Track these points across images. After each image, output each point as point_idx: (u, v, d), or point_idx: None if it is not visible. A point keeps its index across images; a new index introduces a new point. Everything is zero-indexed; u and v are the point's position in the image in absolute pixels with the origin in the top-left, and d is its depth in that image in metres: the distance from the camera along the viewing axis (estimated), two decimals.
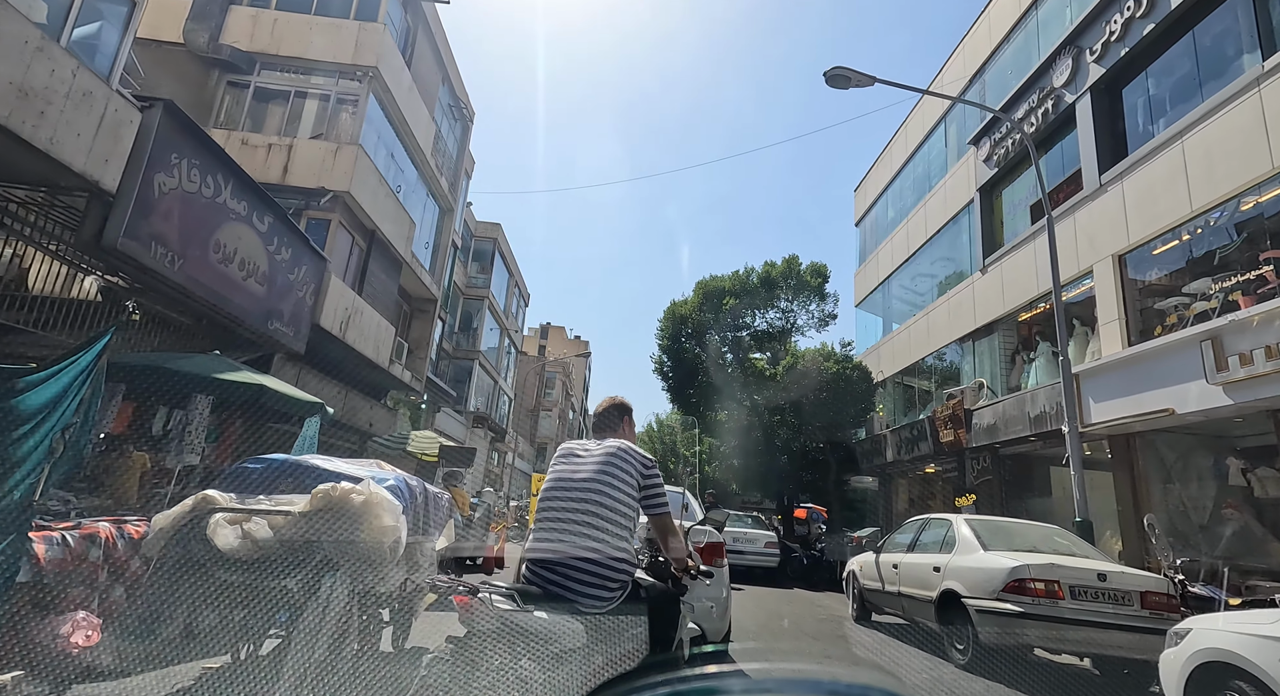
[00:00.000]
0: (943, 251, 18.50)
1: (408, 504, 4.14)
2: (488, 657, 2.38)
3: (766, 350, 22.16)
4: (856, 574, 8.82)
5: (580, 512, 2.59)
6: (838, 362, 18.41)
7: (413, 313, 20.19)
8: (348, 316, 13.84)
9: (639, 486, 2.68)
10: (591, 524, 2.54)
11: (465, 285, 31.74)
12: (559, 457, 2.97)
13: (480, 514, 11.70)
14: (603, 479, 2.65)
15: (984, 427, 13.92)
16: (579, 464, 2.80)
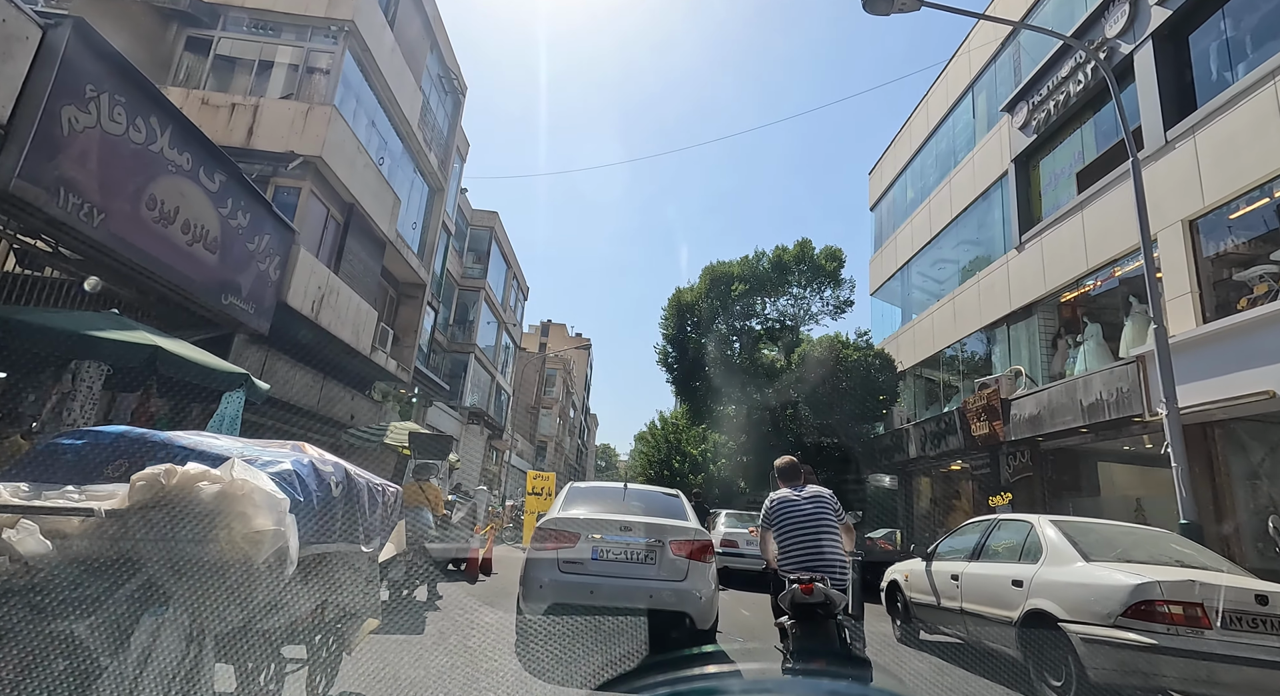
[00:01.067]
0: (970, 231, 17.14)
1: (305, 498, 2.81)
2: None
3: (778, 339, 20.81)
4: (901, 585, 7.48)
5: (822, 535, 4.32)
6: (858, 350, 17.06)
7: (400, 298, 18.88)
8: (321, 296, 12.53)
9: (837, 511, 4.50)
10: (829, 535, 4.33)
11: (461, 276, 30.44)
12: (783, 501, 4.55)
13: (464, 514, 10.37)
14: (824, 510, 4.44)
15: (1024, 419, 12.56)
16: (802, 502, 4.47)
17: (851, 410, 16.57)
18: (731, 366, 20.45)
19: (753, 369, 20.14)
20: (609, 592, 5.11)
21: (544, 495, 18.22)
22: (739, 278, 20.26)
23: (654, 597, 5.10)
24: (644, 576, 5.22)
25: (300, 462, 2.97)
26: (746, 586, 11.96)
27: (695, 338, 20.66)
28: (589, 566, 5.23)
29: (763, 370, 19.94)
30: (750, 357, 20.60)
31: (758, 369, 19.92)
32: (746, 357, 20.57)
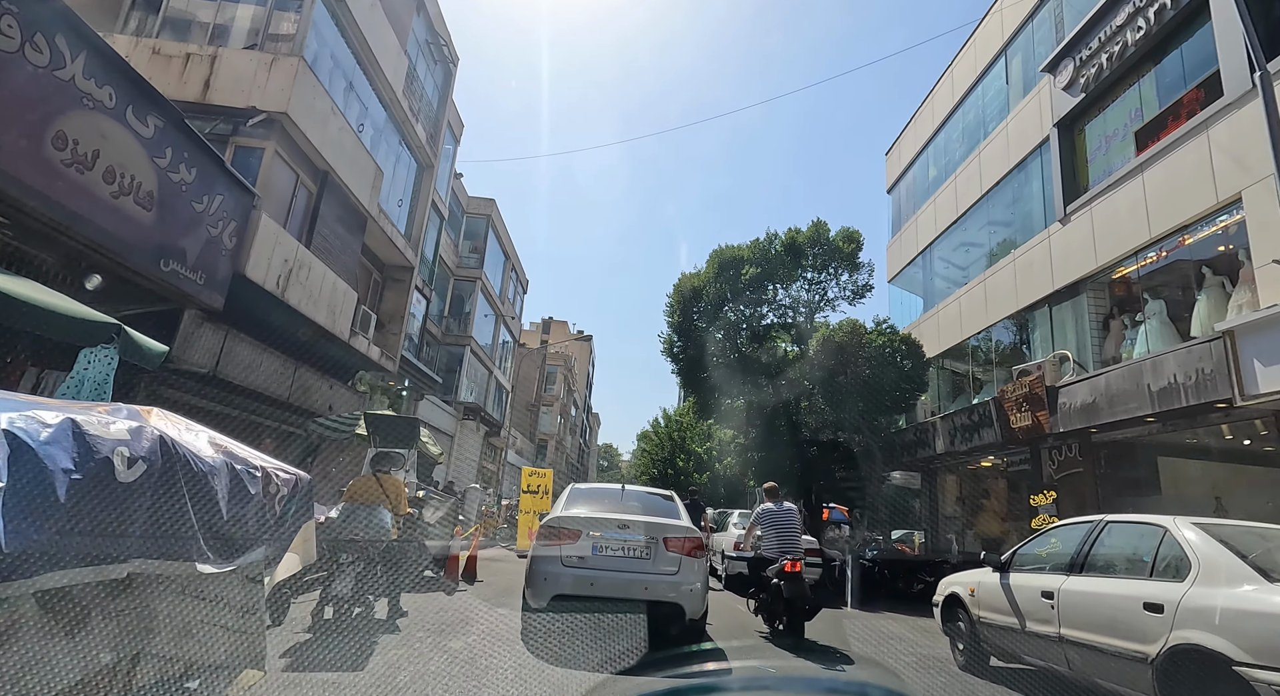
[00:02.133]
0: (1002, 208, 15.77)
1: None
2: None
3: (792, 327, 19.42)
4: (965, 601, 6.12)
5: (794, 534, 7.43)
6: (881, 334, 15.66)
7: (385, 282, 17.58)
8: (289, 270, 11.21)
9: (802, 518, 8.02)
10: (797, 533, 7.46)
11: (456, 265, 29.16)
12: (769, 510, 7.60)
13: (444, 513, 9.04)
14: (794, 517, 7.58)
15: (1075, 409, 11.19)
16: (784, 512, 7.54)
17: (874, 401, 15.19)
18: (741, 356, 19.08)
19: (763, 359, 18.76)
20: (608, 585, 5.45)
21: (540, 493, 16.93)
22: (749, 261, 18.87)
23: (649, 589, 5.45)
24: (640, 570, 5.56)
25: (32, 424, 1.63)
26: None
27: (702, 326, 19.29)
28: (590, 561, 5.55)
29: (774, 360, 18.56)
30: (761, 347, 19.23)
31: (769, 358, 18.54)
32: (757, 347, 19.19)
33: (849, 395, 15.58)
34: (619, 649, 4.89)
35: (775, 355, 18.42)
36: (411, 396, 22.71)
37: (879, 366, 15.00)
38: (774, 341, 19.13)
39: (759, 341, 19.34)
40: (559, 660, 4.80)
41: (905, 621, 9.35)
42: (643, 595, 5.42)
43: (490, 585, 9.75)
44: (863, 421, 15.55)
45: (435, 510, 8.97)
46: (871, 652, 6.79)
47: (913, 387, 15.71)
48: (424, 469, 11.29)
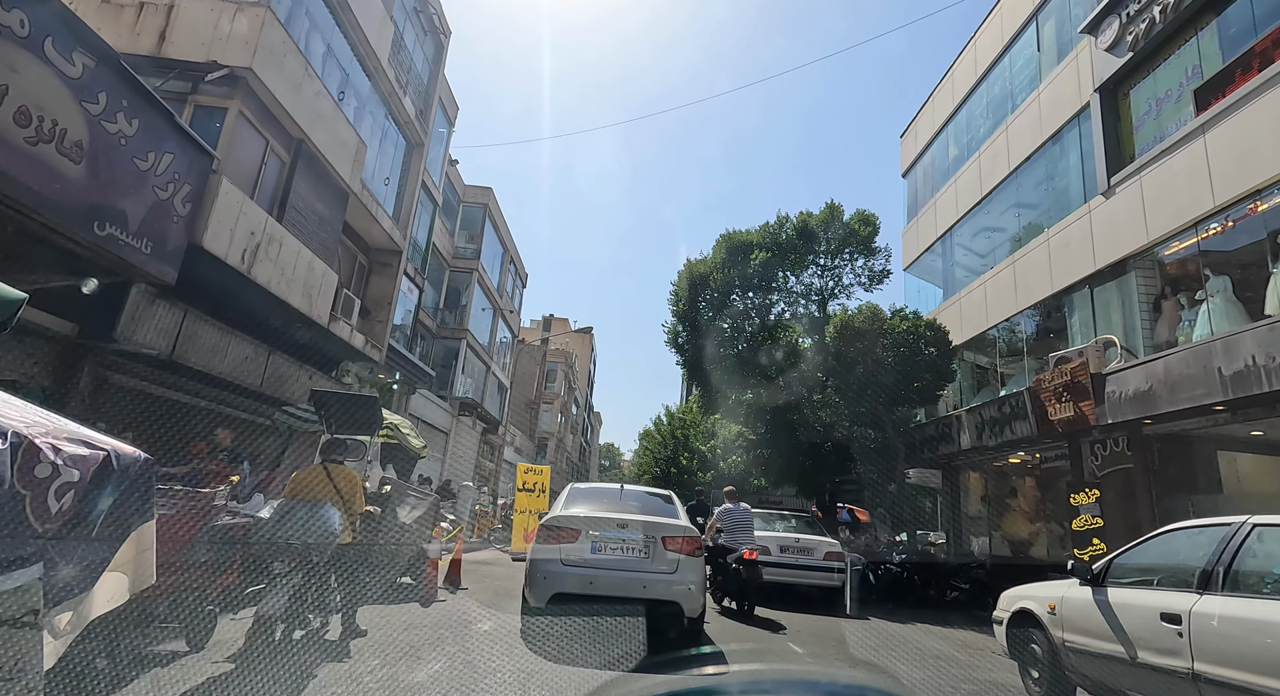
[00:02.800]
0: (1034, 183, 14.66)
1: None
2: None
3: (804, 315, 18.33)
4: (1043, 620, 5.02)
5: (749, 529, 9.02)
6: (905, 320, 14.51)
7: (371, 266, 16.51)
8: (256, 245, 10.14)
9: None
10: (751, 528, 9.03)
11: (451, 255, 28.13)
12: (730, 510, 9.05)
13: (421, 512, 7.96)
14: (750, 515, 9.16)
15: (1127, 397, 10.08)
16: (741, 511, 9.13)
17: (896, 392, 14.07)
18: (750, 346, 17.99)
19: (774, 349, 17.67)
20: (607, 583, 5.46)
21: (537, 492, 15.86)
22: (758, 246, 17.79)
23: (647, 588, 5.47)
24: (638, 569, 5.57)
25: None
26: (787, 603, 9.53)
27: (709, 315, 18.20)
28: (589, 560, 5.56)
29: (786, 350, 17.47)
30: (771, 336, 18.14)
31: (780, 349, 17.45)
32: (767, 336, 18.10)
33: (868, 386, 14.48)
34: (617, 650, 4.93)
35: (786, 345, 17.33)
36: (403, 390, 21.64)
37: (902, 354, 13.88)
38: (785, 330, 18.04)
39: (769, 331, 18.25)
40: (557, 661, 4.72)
41: (945, 636, 8.25)
42: (641, 594, 5.47)
43: (476, 592, 8.68)
44: (884, 414, 14.42)
45: (412, 508, 7.89)
46: (920, 676, 5.69)
47: (939, 377, 14.58)
48: (405, 463, 10.21)
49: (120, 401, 9.12)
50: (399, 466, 10.14)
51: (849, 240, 17.65)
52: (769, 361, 17.59)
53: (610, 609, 5.38)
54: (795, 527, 11.25)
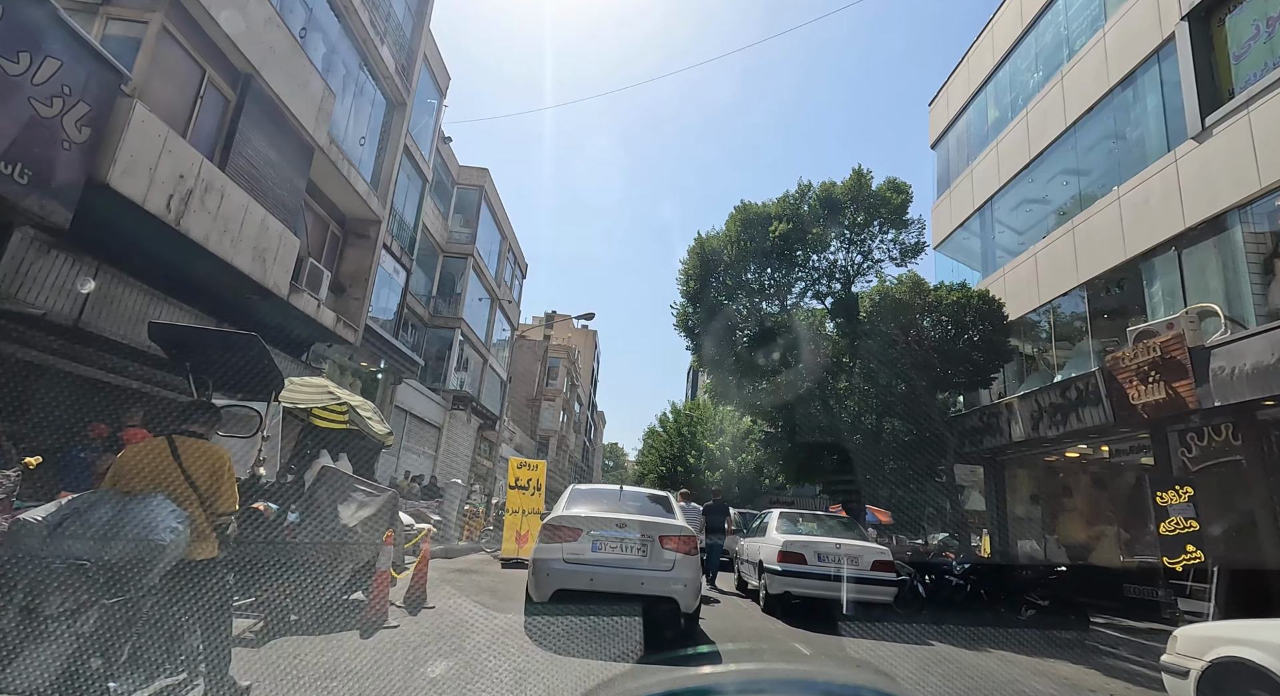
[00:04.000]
0: (1097, 136, 12.87)
1: None
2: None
3: (825, 296, 16.55)
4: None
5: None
6: (954, 292, 12.66)
7: (346, 237, 14.79)
8: (187, 191, 8.41)
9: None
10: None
11: (445, 240, 26.45)
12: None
13: (372, 513, 6.22)
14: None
15: (1242, 374, 8.27)
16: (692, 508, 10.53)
17: (941, 376, 12.28)
18: (768, 329, 16.22)
19: (794, 332, 15.90)
20: (606, 580, 5.70)
21: (531, 490, 14.11)
22: (777, 218, 16.02)
23: (645, 585, 5.71)
24: (637, 566, 5.79)
25: None
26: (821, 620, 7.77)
27: (722, 295, 16.45)
28: (589, 557, 5.79)
29: (808, 333, 15.71)
30: (790, 318, 16.37)
31: (801, 331, 15.68)
32: (786, 318, 16.33)
33: (905, 370, 12.68)
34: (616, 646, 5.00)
35: (808, 326, 15.56)
36: (389, 380, 19.95)
37: (949, 332, 12.07)
38: (807, 312, 16.27)
39: (788, 312, 16.47)
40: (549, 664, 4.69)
41: (1044, 670, 6.43)
42: (639, 590, 5.68)
43: (443, 613, 6.91)
44: (925, 401, 12.61)
45: (359, 507, 6.15)
46: None
47: (994, 357, 12.71)
48: (365, 454, 8.48)
49: (12, 377, 7.41)
50: (358, 457, 8.41)
51: (878, 211, 15.85)
52: (788, 345, 15.82)
53: (609, 606, 5.57)
54: (833, 531, 9.48)
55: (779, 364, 16.28)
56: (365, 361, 18.47)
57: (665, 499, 7.23)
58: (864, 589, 8.27)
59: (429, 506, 15.71)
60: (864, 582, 8.29)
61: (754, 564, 9.78)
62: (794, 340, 16.03)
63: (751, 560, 9.97)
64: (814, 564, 8.45)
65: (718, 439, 37.92)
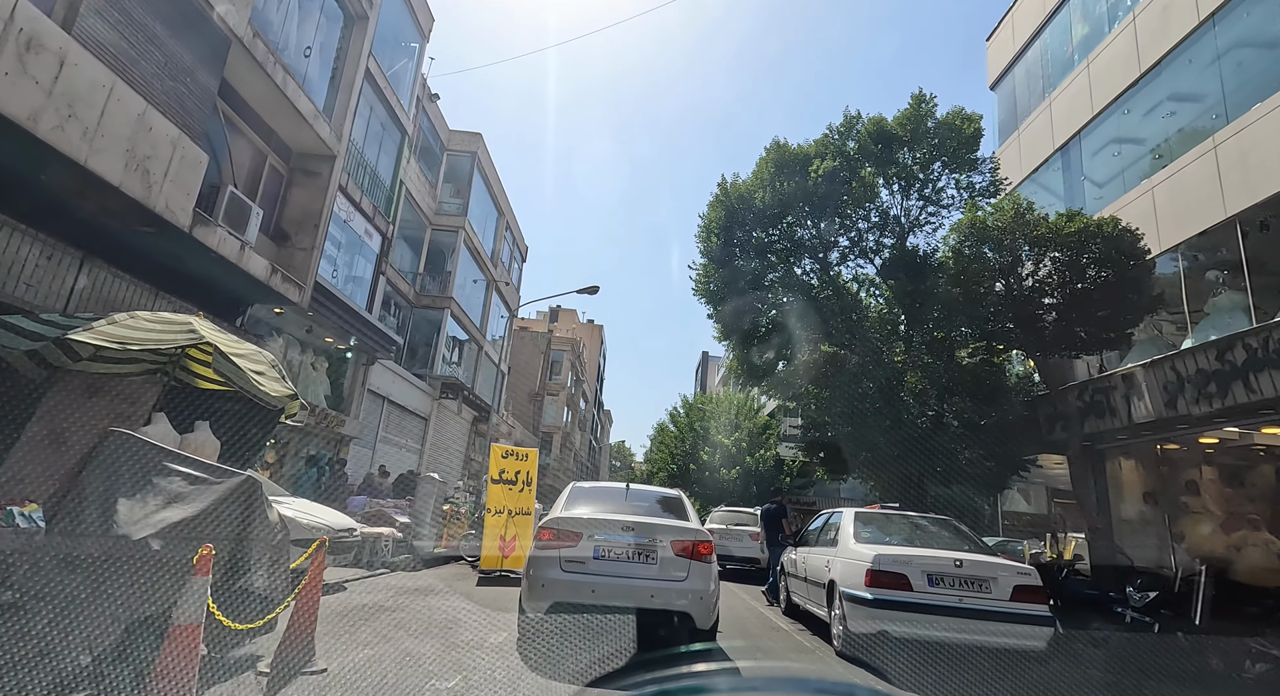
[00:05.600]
0: (1246, 30, 9.98)
1: None
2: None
3: (878, 249, 13.72)
4: None
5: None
6: (1073, 221, 9.59)
7: (291, 175, 12.05)
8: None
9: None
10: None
11: (434, 211, 23.78)
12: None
13: (195, 511, 3.42)
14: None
15: None
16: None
17: (1057, 333, 9.35)
18: (810, 290, 13.40)
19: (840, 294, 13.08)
20: (610, 591, 5.05)
21: (519, 484, 11.35)
22: (819, 156, 13.20)
23: (655, 597, 5.06)
24: (645, 576, 5.16)
25: None
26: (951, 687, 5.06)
27: (751, 251, 13.63)
28: (590, 565, 5.15)
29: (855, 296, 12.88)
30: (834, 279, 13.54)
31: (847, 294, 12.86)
32: (830, 277, 13.50)
33: (1000, 328, 9.80)
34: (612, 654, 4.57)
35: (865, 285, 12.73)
36: (360, 359, 17.22)
37: (1065, 275, 9.13)
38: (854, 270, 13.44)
39: (833, 270, 13.64)
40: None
41: None
42: (648, 603, 5.02)
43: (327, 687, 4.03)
44: (1040, 368, 9.69)
45: (164, 506, 3.40)
46: None
47: (1124, 308, 9.63)
48: (255, 424, 5.68)
49: None
50: (240, 429, 5.61)
51: (943, 145, 12.98)
52: (832, 311, 12.99)
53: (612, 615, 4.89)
54: (939, 539, 6.64)
55: (820, 334, 13.45)
56: (331, 337, 15.77)
57: (677, 498, 6.49)
58: (1002, 629, 5.43)
59: (397, 505, 12.97)
60: (1002, 619, 5.45)
61: (819, 585, 6.97)
62: (838, 305, 13.20)
63: (815, 579, 7.15)
64: (923, 590, 5.62)
65: (733, 433, 35.02)
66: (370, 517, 11.74)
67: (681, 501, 6.34)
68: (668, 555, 5.19)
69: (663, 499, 6.49)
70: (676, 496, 6.55)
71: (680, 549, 5.22)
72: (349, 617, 6.07)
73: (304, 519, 7.22)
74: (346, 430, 16.01)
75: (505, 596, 8.25)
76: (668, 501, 6.39)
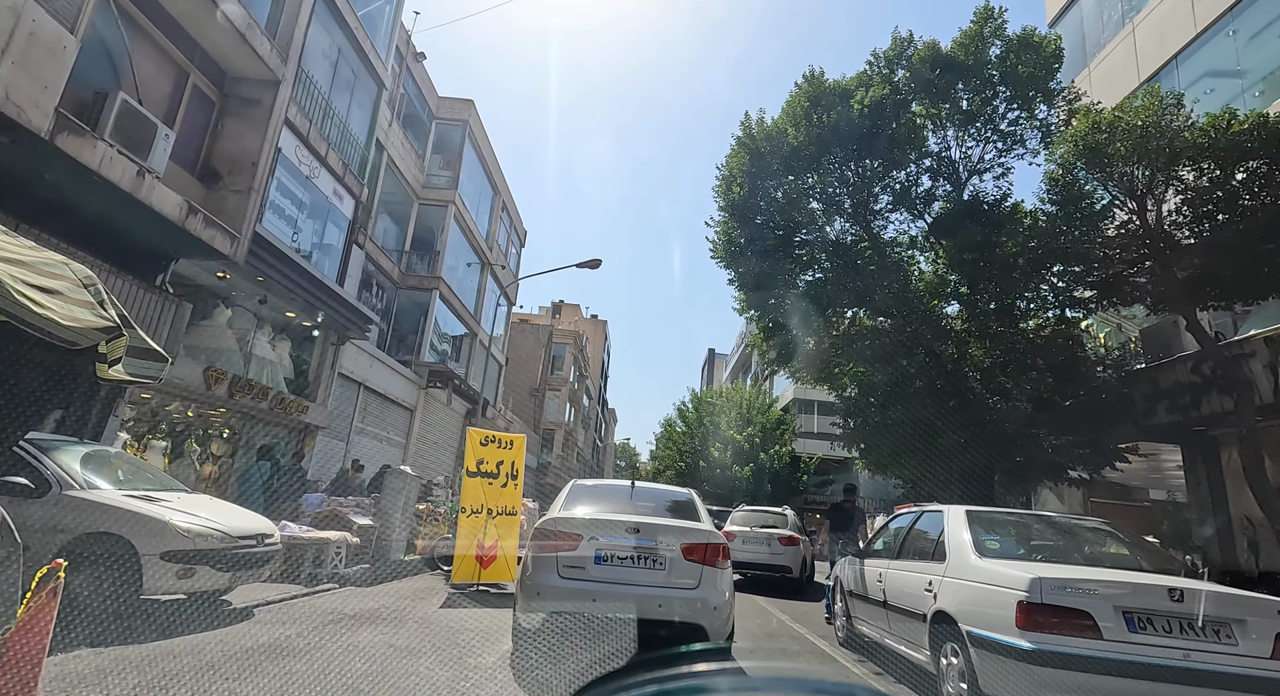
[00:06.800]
0: None
1: None
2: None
3: (932, 200, 11.55)
4: None
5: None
6: (1242, 118, 7.09)
7: (226, 104, 9.93)
8: None
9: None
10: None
11: (421, 184, 21.73)
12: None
13: None
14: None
15: None
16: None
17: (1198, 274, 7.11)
18: (849, 252, 11.25)
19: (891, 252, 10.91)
20: (613, 600, 4.62)
21: (502, 478, 9.25)
22: (864, 86, 11.02)
23: (663, 607, 4.60)
24: (652, 583, 4.70)
25: None
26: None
27: (777, 208, 11.47)
28: (591, 571, 4.73)
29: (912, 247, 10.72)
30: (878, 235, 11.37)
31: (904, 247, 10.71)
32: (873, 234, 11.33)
33: (1138, 261, 7.55)
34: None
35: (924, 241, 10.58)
36: (328, 337, 15.10)
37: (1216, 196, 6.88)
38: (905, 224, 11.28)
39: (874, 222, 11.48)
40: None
41: None
42: (656, 613, 4.54)
43: None
44: (1191, 320, 7.45)
45: None
46: None
47: None
48: (38, 367, 3.55)
49: None
50: (9, 377, 3.49)
51: (1014, 74, 10.78)
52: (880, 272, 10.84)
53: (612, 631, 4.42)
54: (1124, 559, 4.45)
55: (862, 302, 11.29)
56: (294, 311, 13.67)
57: (688, 498, 6.00)
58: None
59: (359, 505, 10.85)
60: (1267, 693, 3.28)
61: (912, 615, 4.82)
62: (884, 265, 11.03)
63: (903, 605, 5.00)
64: (1119, 638, 3.46)
65: (745, 429, 32.82)
66: (322, 520, 9.63)
67: (692, 501, 5.86)
68: (677, 560, 4.74)
69: (671, 498, 6.03)
70: (687, 496, 6.07)
71: (691, 553, 4.76)
72: (208, 671, 3.94)
73: (181, 522, 5.10)
74: (311, 418, 13.90)
75: (476, 622, 6.15)
76: (677, 501, 5.92)
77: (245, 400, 11.60)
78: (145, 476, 6.17)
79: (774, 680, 0.87)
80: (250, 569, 5.69)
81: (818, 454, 34.55)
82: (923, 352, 10.72)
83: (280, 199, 12.41)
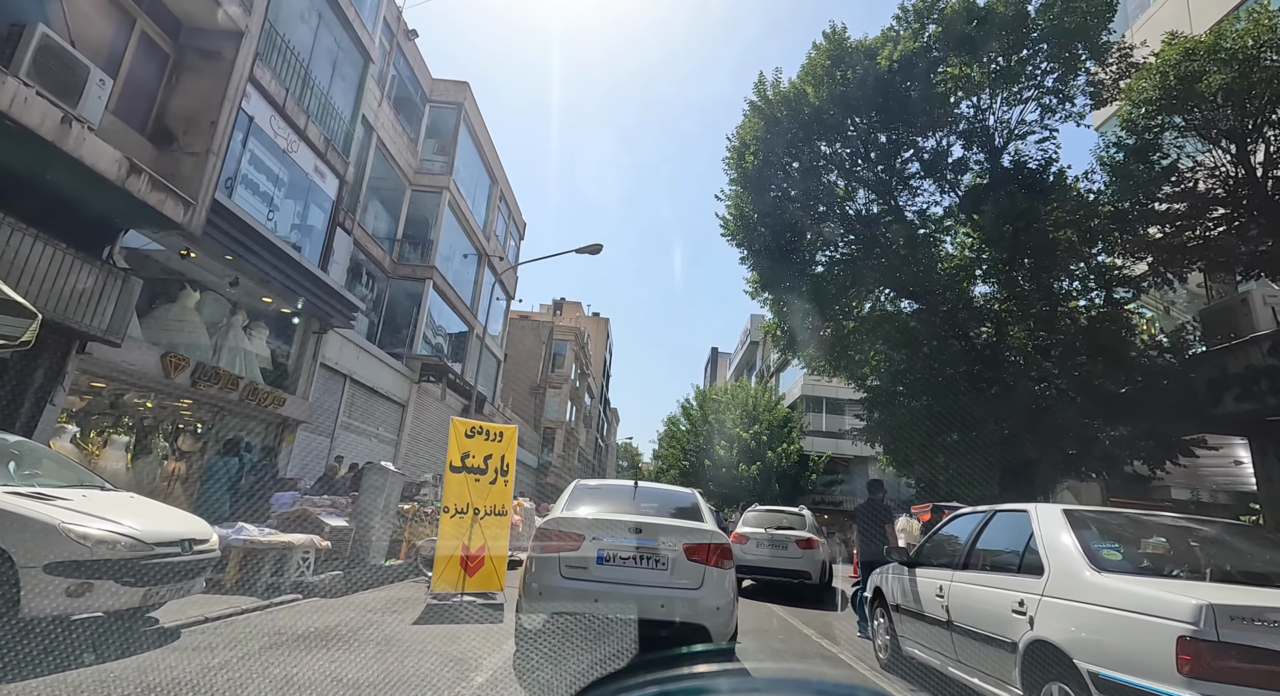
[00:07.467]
0: None
1: None
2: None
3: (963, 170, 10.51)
4: None
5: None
6: None
7: (182, 56, 8.90)
8: None
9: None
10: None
11: (414, 169, 20.75)
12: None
13: None
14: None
15: None
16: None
17: None
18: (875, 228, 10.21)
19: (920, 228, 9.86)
20: (616, 600, 4.61)
21: (491, 473, 8.20)
22: (890, 42, 9.98)
23: (666, 607, 4.60)
24: (654, 584, 4.70)
25: None
26: None
27: (799, 171, 10.42)
28: (593, 571, 4.72)
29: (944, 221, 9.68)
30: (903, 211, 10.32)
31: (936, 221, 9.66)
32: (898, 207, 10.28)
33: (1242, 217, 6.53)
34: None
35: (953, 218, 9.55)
36: (308, 325, 14.07)
37: None
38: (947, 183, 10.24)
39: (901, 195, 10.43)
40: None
41: None
42: (659, 614, 4.53)
43: None
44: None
45: None
46: None
47: None
48: None
49: None
50: None
51: (1060, 27, 9.71)
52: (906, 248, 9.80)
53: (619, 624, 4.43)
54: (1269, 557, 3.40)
55: (889, 281, 10.24)
56: (271, 296, 12.65)
57: (691, 498, 5.88)
58: None
59: (335, 504, 9.82)
60: None
61: (995, 642, 3.77)
62: (915, 238, 9.99)
63: (979, 629, 3.95)
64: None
65: (751, 426, 31.74)
66: (290, 521, 8.60)
67: (696, 502, 5.79)
68: (679, 560, 4.75)
69: (675, 499, 6.00)
70: (691, 496, 6.00)
71: (693, 553, 4.77)
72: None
73: (76, 526, 4.07)
74: (290, 412, 12.85)
75: (450, 644, 5.13)
76: (681, 502, 5.87)
77: (211, 390, 10.56)
78: (52, 469, 5.14)
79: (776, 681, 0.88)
80: (172, 581, 4.65)
81: (827, 452, 33.41)
82: (956, 336, 9.67)
83: (255, 174, 11.42)
